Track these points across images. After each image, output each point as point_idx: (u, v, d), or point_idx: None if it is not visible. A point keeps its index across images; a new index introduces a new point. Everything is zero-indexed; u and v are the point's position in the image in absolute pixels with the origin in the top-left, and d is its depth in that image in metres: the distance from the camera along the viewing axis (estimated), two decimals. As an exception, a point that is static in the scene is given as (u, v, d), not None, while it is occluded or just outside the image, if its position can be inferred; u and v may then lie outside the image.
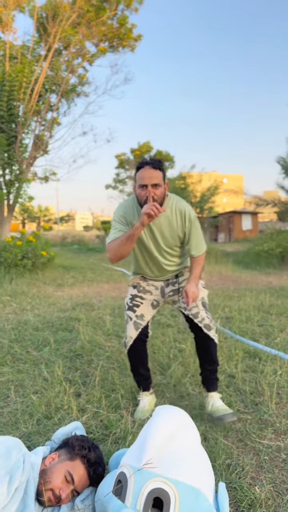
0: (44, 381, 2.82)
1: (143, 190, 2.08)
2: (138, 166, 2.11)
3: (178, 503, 1.28)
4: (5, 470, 1.33)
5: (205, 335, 2.25)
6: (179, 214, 2.20)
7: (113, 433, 2.07)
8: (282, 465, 1.87)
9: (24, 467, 1.39)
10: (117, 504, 1.32)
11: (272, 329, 4.03)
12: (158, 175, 2.07)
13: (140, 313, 2.32)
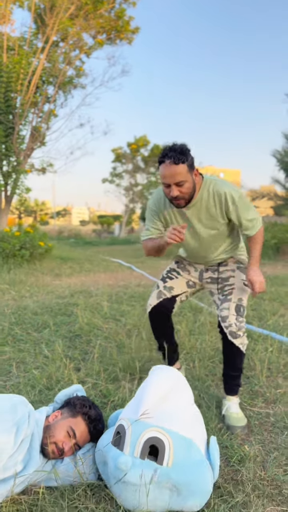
0: (44, 358, 2.93)
1: (167, 188, 1.90)
2: (159, 159, 1.88)
3: (172, 451, 1.39)
4: (12, 423, 1.44)
5: (229, 342, 2.06)
6: (217, 198, 1.97)
7: (111, 401, 2.19)
8: (270, 429, 2.00)
9: (29, 421, 1.50)
10: (116, 452, 1.43)
11: (265, 313, 4.15)
12: (182, 171, 1.83)
13: (170, 285, 2.26)
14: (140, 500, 1.35)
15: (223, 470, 1.65)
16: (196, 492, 1.37)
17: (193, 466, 1.41)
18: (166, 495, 1.37)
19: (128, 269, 9.13)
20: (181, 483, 1.35)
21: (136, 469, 1.35)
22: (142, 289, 5.95)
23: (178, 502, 1.37)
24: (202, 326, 3.57)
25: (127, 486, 1.36)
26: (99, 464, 1.54)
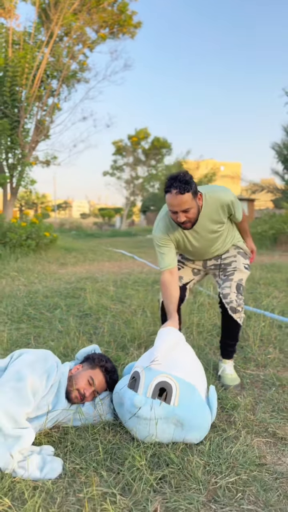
0: (59, 333, 3.24)
1: (174, 214, 2.07)
2: (166, 189, 2.03)
3: (178, 393, 1.70)
4: (44, 370, 1.74)
5: (229, 316, 2.30)
6: (219, 206, 2.18)
7: (121, 364, 2.49)
8: (261, 386, 2.30)
9: (57, 370, 1.80)
10: (132, 393, 1.73)
11: (260, 295, 4.46)
12: (187, 199, 1.99)
13: (179, 275, 2.45)
14: (150, 432, 1.66)
15: (218, 414, 1.96)
16: (196, 427, 1.68)
17: (195, 406, 1.71)
18: (171, 429, 1.68)
19: (131, 258, 9.43)
20: (185, 419, 1.66)
21: (148, 406, 1.66)
22: (145, 275, 6.26)
23: (180, 434, 1.68)
24: (201, 306, 3.88)
25: (140, 421, 1.66)
26: (116, 405, 1.85)
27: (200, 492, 1.40)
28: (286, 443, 1.74)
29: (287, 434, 1.80)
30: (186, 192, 1.97)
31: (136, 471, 1.50)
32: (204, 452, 1.62)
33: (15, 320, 3.64)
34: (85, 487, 1.43)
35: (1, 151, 9.61)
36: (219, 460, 1.57)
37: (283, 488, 1.44)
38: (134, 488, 1.42)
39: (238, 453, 1.62)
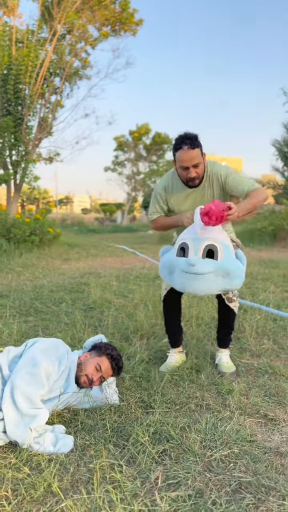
0: (65, 325, 3.42)
1: (185, 170, 2.24)
2: (176, 145, 2.21)
3: (222, 252, 2.06)
4: (56, 357, 1.92)
5: (225, 305, 2.46)
6: (215, 178, 2.34)
7: (125, 353, 2.67)
8: (254, 373, 2.48)
9: (68, 357, 1.98)
10: (184, 258, 2.07)
11: (257, 290, 4.64)
12: (197, 154, 2.19)
13: None
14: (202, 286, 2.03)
15: (214, 398, 2.14)
16: (238, 275, 2.10)
17: (234, 261, 2.12)
18: (220, 280, 2.05)
19: (132, 254, 9.61)
20: (229, 270, 2.05)
21: (201, 263, 1.99)
22: (146, 271, 6.43)
23: (228, 282, 2.07)
24: (201, 300, 4.05)
25: (197, 277, 2.00)
26: (165, 277, 2.23)
27: (197, 463, 1.58)
28: (276, 424, 1.92)
29: (277, 415, 1.98)
30: (196, 147, 2.19)
31: (140, 446, 1.68)
32: (201, 430, 1.80)
33: (23, 313, 3.82)
34: (95, 459, 1.61)
35: (5, 148, 9.75)
36: (214, 437, 1.75)
37: (271, 460, 1.62)
38: (138, 460, 1.60)
39: (232, 431, 1.80)
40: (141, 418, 1.90)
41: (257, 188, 2.30)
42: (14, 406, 1.70)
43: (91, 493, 1.43)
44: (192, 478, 1.50)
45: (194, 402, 2.09)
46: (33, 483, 1.47)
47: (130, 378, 2.33)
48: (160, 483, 1.48)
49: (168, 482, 1.49)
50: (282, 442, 1.77)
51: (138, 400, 2.10)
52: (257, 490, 1.44)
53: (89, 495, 1.42)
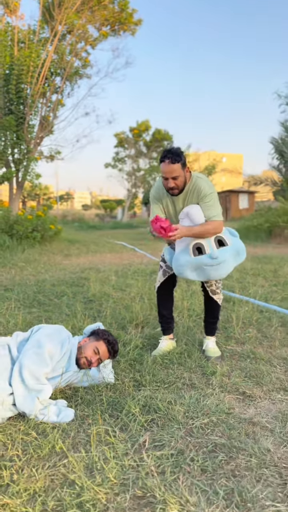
0: (66, 316, 3.68)
1: (165, 180, 2.54)
2: (161, 158, 2.50)
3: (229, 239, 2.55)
4: (58, 340, 2.18)
5: (209, 297, 2.73)
6: (196, 191, 2.59)
7: (121, 340, 2.94)
8: (238, 358, 2.74)
9: (69, 341, 2.24)
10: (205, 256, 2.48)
11: (248, 284, 4.90)
12: (177, 168, 2.46)
13: (169, 264, 2.79)
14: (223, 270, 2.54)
15: (199, 378, 2.40)
16: (243, 252, 2.64)
17: (238, 241, 2.63)
18: (233, 259, 2.55)
19: (131, 250, 9.86)
20: (238, 248, 2.57)
21: (221, 253, 2.48)
22: (144, 266, 6.69)
23: (238, 260, 2.60)
24: (193, 293, 4.32)
25: (220, 265, 2.47)
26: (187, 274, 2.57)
27: (180, 430, 1.85)
28: (252, 400, 2.18)
29: (254, 393, 2.24)
30: (176, 162, 2.47)
31: (131, 416, 1.95)
32: (185, 404, 2.06)
33: (27, 305, 4.09)
34: (92, 426, 1.87)
35: (7, 147, 9.99)
36: (196, 409, 2.02)
37: (244, 428, 1.88)
38: (130, 427, 1.87)
39: (212, 405, 2.06)
40: (133, 394, 2.16)
41: (217, 220, 2.57)
42: (22, 382, 1.96)
43: (89, 452, 1.69)
44: (175, 441, 1.76)
45: (181, 381, 2.36)
46: (39, 445, 1.74)
47: (125, 361, 2.59)
48: (147, 445, 1.74)
49: (154, 444, 1.75)
50: (256, 414, 2.03)
51: (131, 379, 2.36)
52: (230, 451, 1.70)
53: (87, 453, 1.68)
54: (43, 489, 1.48)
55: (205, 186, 2.59)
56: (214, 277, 2.55)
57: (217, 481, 1.52)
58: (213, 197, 2.60)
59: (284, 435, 1.82)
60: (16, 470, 1.59)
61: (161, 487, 1.47)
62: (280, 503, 1.41)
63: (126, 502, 1.41)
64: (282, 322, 3.47)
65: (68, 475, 1.55)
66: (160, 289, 2.86)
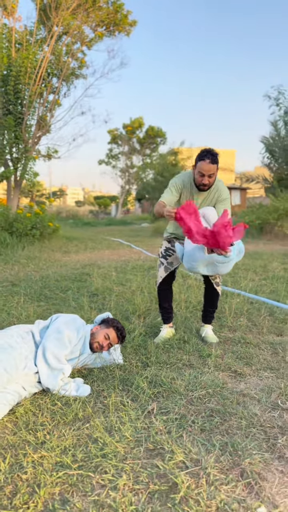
0: (74, 308, 4.00)
1: (201, 177, 2.83)
2: (201, 156, 2.79)
3: None
4: (74, 327, 2.51)
5: (213, 288, 3.09)
6: (217, 192, 2.97)
7: (126, 329, 3.27)
8: (230, 343, 3.10)
9: (84, 327, 2.58)
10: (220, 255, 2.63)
11: (240, 278, 5.26)
12: (214, 168, 2.79)
13: (170, 261, 3.11)
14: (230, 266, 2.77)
15: (197, 359, 2.75)
16: (243, 249, 2.81)
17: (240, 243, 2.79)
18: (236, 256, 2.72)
19: (128, 247, 10.19)
20: (240, 247, 2.76)
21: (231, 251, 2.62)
22: (141, 262, 7.03)
23: (239, 257, 2.77)
24: (190, 287, 4.67)
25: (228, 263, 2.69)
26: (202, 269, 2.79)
27: (182, 399, 2.19)
28: (243, 376, 2.53)
29: (244, 371, 2.59)
30: (215, 163, 2.80)
31: (140, 389, 2.29)
32: (185, 379, 2.41)
33: (35, 299, 4.40)
34: (108, 398, 2.21)
35: (6, 146, 10.23)
36: (195, 383, 2.37)
37: (236, 398, 2.23)
38: (139, 398, 2.21)
39: (208, 380, 2.41)
40: (140, 372, 2.51)
41: None
42: (46, 363, 2.29)
43: (107, 417, 2.03)
44: (178, 408, 2.11)
45: (181, 362, 2.70)
46: (65, 413, 2.07)
47: (131, 347, 2.94)
48: (155, 412, 2.09)
49: (161, 411, 2.10)
50: (246, 388, 2.38)
51: (138, 361, 2.71)
52: (224, 415, 2.06)
53: (105, 418, 2.02)
54: (72, 445, 1.82)
55: (225, 190, 3.00)
56: (222, 272, 2.80)
57: (214, 437, 1.86)
58: (229, 200, 3.01)
59: (269, 404, 2.18)
60: (48, 432, 1.92)
61: (169, 441, 1.82)
62: (265, 452, 1.76)
63: (141, 453, 1.75)
64: (269, 312, 3.83)
65: (92, 435, 1.88)
66: (162, 284, 3.17)
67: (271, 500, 1.46)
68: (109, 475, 1.58)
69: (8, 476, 1.58)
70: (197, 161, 2.84)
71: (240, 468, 1.63)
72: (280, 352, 2.89)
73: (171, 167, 27.23)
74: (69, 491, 1.50)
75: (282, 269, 6.09)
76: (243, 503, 1.44)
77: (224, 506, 1.42)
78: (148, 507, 1.41)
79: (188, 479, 1.55)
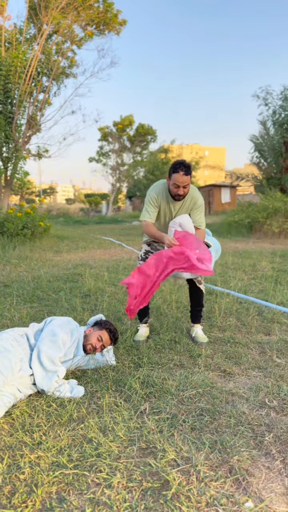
0: (66, 309, 4.06)
1: (176, 188, 2.95)
2: (175, 167, 2.90)
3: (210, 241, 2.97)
4: (68, 329, 2.57)
5: (196, 287, 3.20)
6: (190, 199, 3.10)
7: (118, 330, 3.34)
8: (219, 343, 3.19)
9: (78, 330, 2.64)
10: None
11: (229, 278, 5.36)
12: (188, 179, 2.93)
13: None
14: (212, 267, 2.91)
15: (187, 360, 2.83)
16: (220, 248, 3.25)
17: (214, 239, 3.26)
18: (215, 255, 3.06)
19: (119, 246, 10.24)
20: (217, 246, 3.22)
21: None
22: (133, 262, 7.09)
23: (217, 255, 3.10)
24: (180, 287, 4.75)
25: None
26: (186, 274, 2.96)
27: (173, 399, 2.27)
28: (232, 376, 2.62)
29: (233, 371, 2.68)
30: (189, 174, 2.93)
31: (133, 390, 2.36)
32: (176, 380, 2.49)
33: (27, 300, 4.44)
34: (101, 399, 2.28)
35: (-3, 147, 10.22)
36: (186, 383, 2.44)
37: (225, 397, 2.32)
38: (132, 399, 2.28)
39: (199, 380, 2.49)
40: (133, 373, 2.58)
41: (203, 229, 3.20)
42: (41, 365, 2.35)
43: (101, 418, 2.10)
44: (169, 408, 2.18)
45: (172, 363, 2.78)
46: (60, 414, 2.14)
47: (123, 348, 3.00)
48: (147, 412, 2.16)
49: (153, 411, 2.17)
50: (234, 387, 2.46)
51: (130, 362, 2.78)
52: (214, 414, 2.14)
53: (99, 418, 2.09)
54: (68, 445, 1.88)
55: (199, 197, 3.13)
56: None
57: (204, 435, 1.94)
58: (204, 207, 3.14)
59: (257, 402, 2.26)
60: (43, 433, 1.99)
61: (161, 440, 1.89)
62: (252, 449, 1.85)
63: (134, 452, 1.83)
64: (258, 312, 3.93)
65: (87, 435, 1.95)
66: None
67: (258, 495, 1.54)
68: (104, 474, 1.65)
69: (6, 476, 1.64)
70: (171, 173, 2.96)
71: (229, 465, 1.71)
72: (268, 352, 2.99)
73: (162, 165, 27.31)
74: (66, 490, 1.56)
75: (271, 268, 6.20)
76: (231, 498, 1.52)
77: (214, 501, 1.50)
78: (141, 504, 1.49)
79: (179, 476, 1.63)
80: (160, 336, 3.30)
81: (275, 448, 1.84)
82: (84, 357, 2.65)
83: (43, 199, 13.83)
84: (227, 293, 4.54)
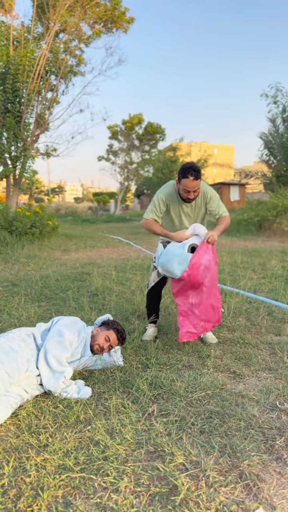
0: (74, 309, 4.04)
1: (186, 193, 2.92)
2: (184, 172, 2.84)
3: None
4: (76, 329, 2.54)
5: None
6: (202, 195, 3.04)
7: (126, 330, 3.31)
8: (229, 343, 3.14)
9: (85, 330, 2.61)
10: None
11: (239, 277, 5.29)
12: (198, 183, 2.88)
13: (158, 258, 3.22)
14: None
15: (196, 360, 2.79)
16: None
17: None
18: None
19: (127, 244, 10.21)
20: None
21: None
22: (141, 261, 7.06)
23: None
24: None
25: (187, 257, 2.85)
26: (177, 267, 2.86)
27: (181, 401, 2.23)
28: (242, 377, 2.57)
29: (243, 372, 2.63)
30: (199, 179, 2.87)
31: (140, 391, 2.32)
32: (185, 381, 2.45)
33: (35, 299, 4.43)
34: (109, 400, 2.25)
35: (5, 145, 10.22)
36: (194, 385, 2.40)
37: (235, 399, 2.27)
38: (140, 400, 2.24)
39: (208, 382, 2.45)
40: (141, 374, 2.54)
41: (227, 215, 3.13)
42: (48, 365, 2.32)
43: (108, 420, 2.07)
44: (177, 410, 2.14)
45: (181, 363, 2.74)
46: (66, 415, 2.11)
47: (131, 348, 2.97)
48: (155, 414, 2.12)
49: (161, 413, 2.13)
50: (244, 389, 2.42)
51: (138, 362, 2.74)
52: (223, 416, 2.09)
53: (107, 420, 2.06)
54: (74, 448, 1.85)
55: (208, 188, 3.05)
56: None
57: (213, 439, 1.90)
58: (217, 196, 3.07)
59: (267, 405, 2.21)
60: (50, 435, 1.96)
61: (169, 443, 1.85)
62: (263, 453, 1.80)
63: (142, 455, 1.79)
64: (268, 312, 3.87)
65: (93, 437, 1.92)
66: (153, 288, 3.23)
67: (269, 501, 1.50)
68: (111, 478, 1.62)
69: (12, 479, 1.61)
70: (180, 177, 2.91)
71: (239, 469, 1.67)
72: (279, 353, 2.93)
73: (171, 163, 27.23)
74: (72, 494, 1.53)
75: (281, 267, 6.12)
76: (242, 505, 1.47)
77: (223, 508, 1.46)
78: (149, 509, 1.45)
79: (188, 481, 1.59)
80: (168, 336, 3.26)
81: (287, 453, 1.79)
82: (91, 358, 2.62)
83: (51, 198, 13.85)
84: (237, 293, 4.48)
